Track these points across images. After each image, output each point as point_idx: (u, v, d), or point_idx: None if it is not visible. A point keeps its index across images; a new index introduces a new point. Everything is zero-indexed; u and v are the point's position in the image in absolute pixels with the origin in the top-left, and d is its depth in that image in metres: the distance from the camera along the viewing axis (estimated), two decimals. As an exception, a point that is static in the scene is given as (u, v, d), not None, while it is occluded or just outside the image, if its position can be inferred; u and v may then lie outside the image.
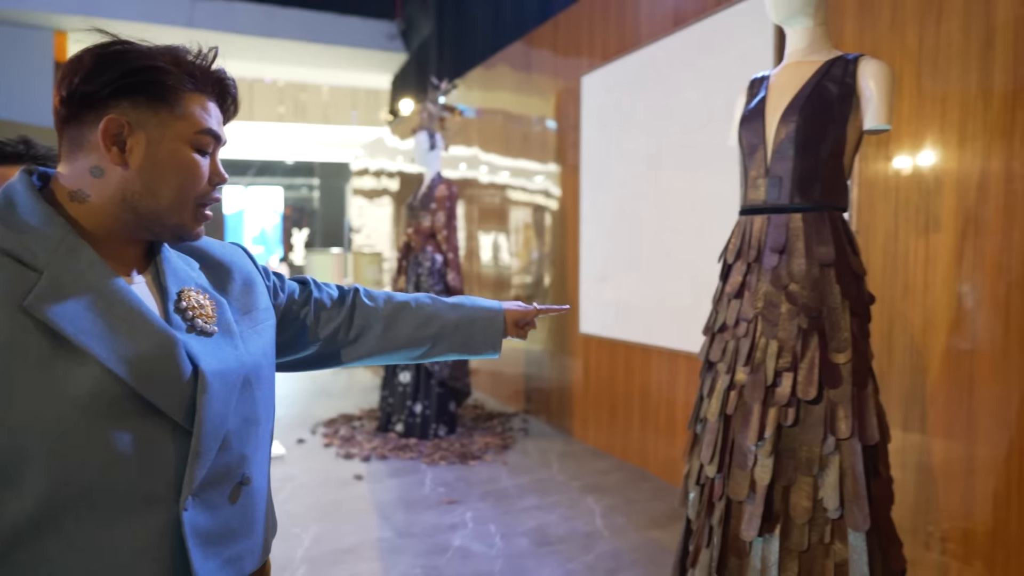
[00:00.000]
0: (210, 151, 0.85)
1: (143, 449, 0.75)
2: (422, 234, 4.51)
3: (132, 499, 0.74)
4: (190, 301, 0.85)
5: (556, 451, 4.13)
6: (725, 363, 1.83)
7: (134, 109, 0.78)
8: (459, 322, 1.18)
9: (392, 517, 3.08)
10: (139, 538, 0.74)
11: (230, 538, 0.83)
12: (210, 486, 0.80)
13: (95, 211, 0.80)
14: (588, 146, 4.23)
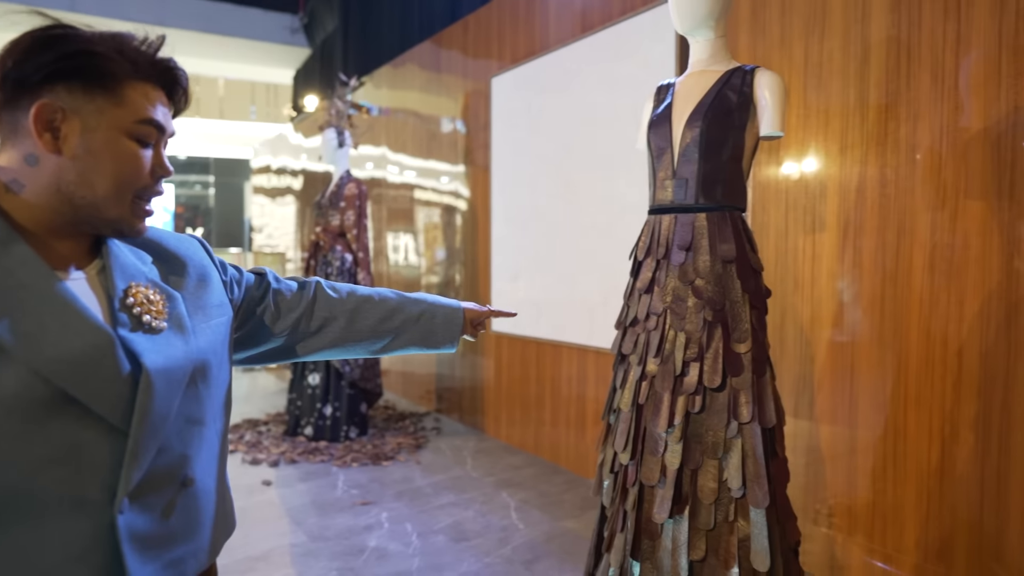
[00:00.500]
0: (153, 142, 0.82)
1: (73, 451, 0.72)
2: (331, 233, 4.42)
3: (62, 503, 0.71)
4: (138, 297, 0.82)
5: (470, 448, 4.16)
6: (637, 355, 1.93)
7: (69, 94, 0.76)
8: (421, 316, 1.20)
9: (305, 522, 3.01)
10: (70, 543, 0.72)
11: (170, 541, 0.81)
12: (148, 488, 0.78)
13: (30, 202, 0.77)
14: (498, 146, 4.29)
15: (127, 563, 0.75)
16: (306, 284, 1.16)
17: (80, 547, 0.73)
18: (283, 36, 8.38)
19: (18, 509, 0.69)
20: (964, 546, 2.13)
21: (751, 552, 1.72)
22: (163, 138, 0.84)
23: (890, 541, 2.31)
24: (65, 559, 0.71)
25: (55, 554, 0.71)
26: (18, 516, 0.69)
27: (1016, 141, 2.00)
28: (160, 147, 0.84)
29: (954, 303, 2.14)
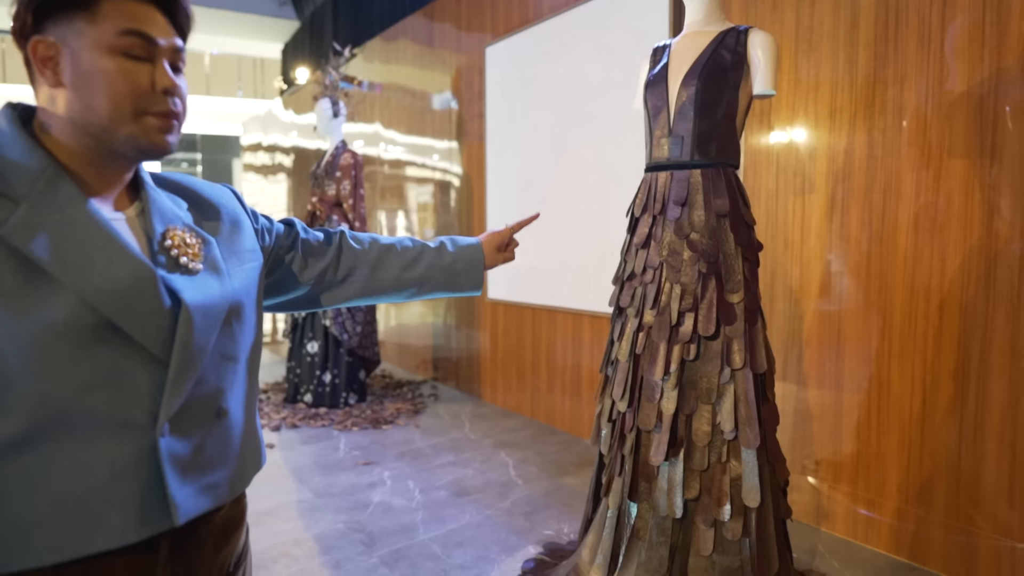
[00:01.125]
0: (148, 56, 0.81)
1: (118, 377, 0.77)
2: (327, 203, 4.46)
3: (109, 423, 0.76)
4: (175, 240, 0.86)
5: (467, 413, 4.25)
6: (634, 308, 2.01)
7: (55, 26, 0.78)
8: (442, 262, 1.23)
9: (309, 480, 3.10)
10: (116, 461, 0.77)
11: (207, 467, 0.86)
12: (187, 416, 0.83)
13: (59, 140, 0.80)
14: (493, 116, 4.33)
15: (168, 482, 0.80)
16: (332, 234, 1.19)
17: (125, 465, 0.78)
18: (271, 8, 8.31)
19: (70, 428, 0.74)
20: (943, 489, 2.24)
21: (743, 490, 1.82)
22: (159, 50, 0.82)
23: (873, 487, 2.43)
24: (112, 475, 0.77)
25: (103, 470, 0.76)
26: (71, 434, 0.74)
27: (998, 102, 2.08)
28: (160, 60, 0.82)
29: (936, 259, 2.24)
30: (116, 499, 0.77)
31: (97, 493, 0.76)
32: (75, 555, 0.75)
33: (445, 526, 2.60)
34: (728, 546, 1.82)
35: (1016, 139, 2.05)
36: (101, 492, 0.76)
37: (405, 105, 5.47)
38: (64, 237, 0.75)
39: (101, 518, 0.76)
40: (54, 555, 0.74)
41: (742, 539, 1.81)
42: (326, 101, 4.52)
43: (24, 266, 0.73)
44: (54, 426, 0.73)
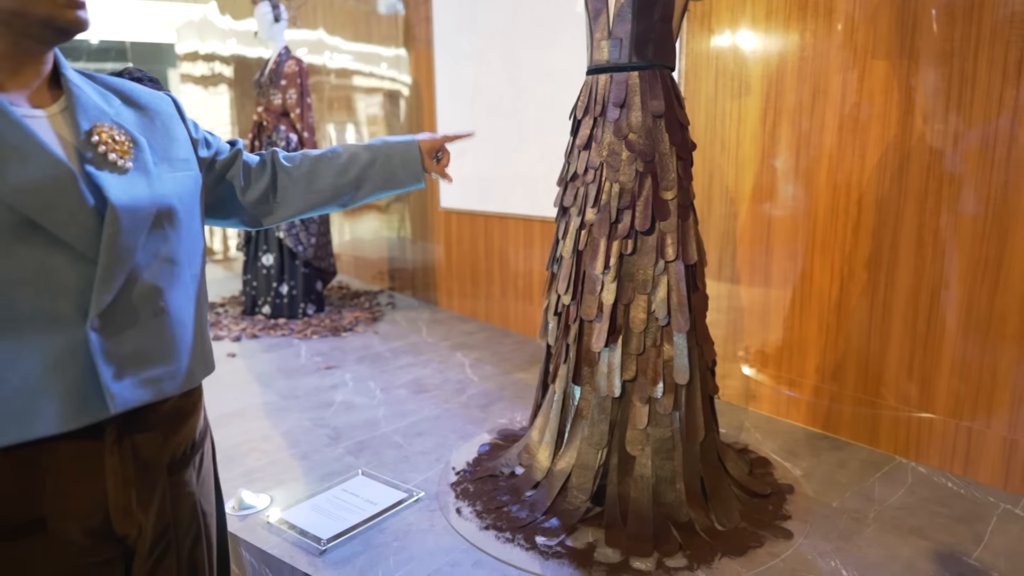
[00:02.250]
0: None
1: (43, 274, 0.79)
2: (274, 113, 4.38)
3: (36, 318, 0.79)
4: (103, 136, 0.87)
5: (424, 319, 4.40)
6: (576, 207, 2.13)
7: None
8: (375, 160, 1.25)
9: (274, 384, 3.23)
10: (47, 355, 0.80)
11: (145, 361, 0.89)
12: (120, 311, 0.85)
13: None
14: (440, 20, 4.26)
15: (101, 374, 0.83)
16: (265, 156, 1.22)
17: (56, 358, 0.81)
18: (200, -97, 7.75)
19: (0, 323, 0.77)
20: (854, 368, 2.50)
21: (673, 370, 2.01)
22: None
23: (795, 369, 2.68)
24: (44, 368, 0.80)
25: (35, 363, 0.79)
26: (1, 329, 0.77)
27: (921, 4, 2.19)
28: None
29: (857, 157, 2.40)
30: (51, 390, 0.80)
31: (30, 384, 0.79)
32: (15, 440, 0.80)
33: (406, 420, 2.78)
34: (660, 419, 2.03)
35: (937, 41, 2.17)
36: (34, 383, 0.80)
37: (349, 9, 5.29)
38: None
39: (37, 407, 0.80)
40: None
41: (672, 412, 2.02)
42: (266, 4, 4.36)
43: None
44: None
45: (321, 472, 2.35)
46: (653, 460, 2.03)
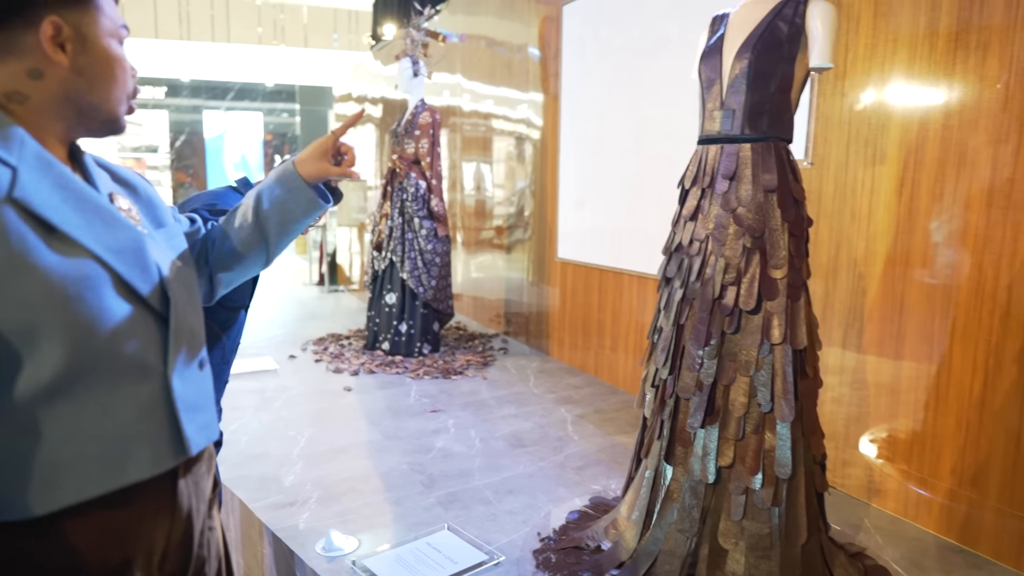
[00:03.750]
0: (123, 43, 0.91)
1: (133, 326, 0.86)
2: (406, 160, 4.63)
3: (129, 368, 0.85)
4: (120, 203, 0.93)
5: (533, 368, 4.41)
6: (680, 278, 2.05)
7: (66, 10, 0.83)
8: (263, 199, 1.14)
9: (380, 423, 3.35)
10: (137, 403, 0.86)
11: (200, 408, 0.96)
12: (183, 363, 0.93)
13: (34, 112, 0.84)
14: (568, 76, 4.33)
15: (181, 420, 0.90)
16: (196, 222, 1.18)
17: (146, 405, 0.87)
18: (363, -37, 8.46)
19: (98, 373, 0.83)
20: (999, 475, 2.20)
21: (775, 461, 1.87)
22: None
23: (927, 467, 2.40)
24: (135, 416, 0.86)
25: (127, 412, 0.85)
26: (98, 379, 0.83)
27: (1089, 71, 1.94)
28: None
29: (1009, 238, 2.14)
30: (141, 436, 0.87)
31: (125, 431, 0.85)
32: (112, 487, 0.84)
33: (500, 474, 2.78)
34: (758, 513, 1.89)
35: (1106, 113, 1.91)
36: (128, 431, 0.85)
37: (485, 58, 5.52)
38: (62, 200, 0.82)
39: (130, 453, 0.86)
40: (92, 488, 0.83)
41: (772, 508, 1.87)
42: (407, 60, 4.65)
43: (39, 227, 0.79)
44: (84, 372, 0.81)
45: (411, 520, 2.39)
46: (747, 557, 1.88)
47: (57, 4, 0.82)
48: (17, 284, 0.75)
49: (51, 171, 0.82)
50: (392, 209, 4.66)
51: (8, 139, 0.81)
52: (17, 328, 0.76)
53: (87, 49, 0.85)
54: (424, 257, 4.57)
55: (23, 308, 0.76)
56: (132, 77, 0.92)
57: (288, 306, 6.62)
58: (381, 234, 4.71)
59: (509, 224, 5.33)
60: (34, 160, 0.81)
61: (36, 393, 0.77)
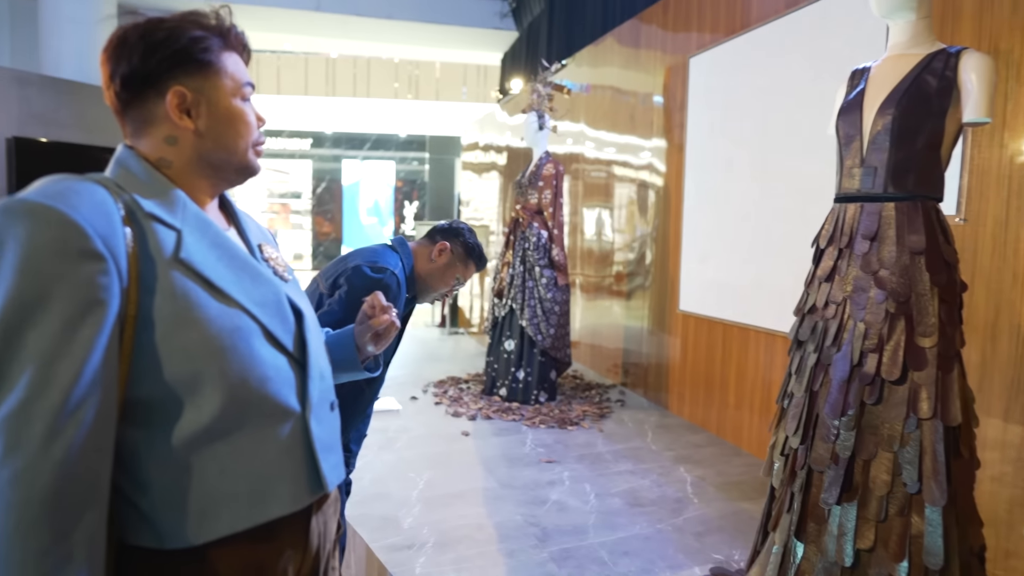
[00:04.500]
0: (250, 98, 0.97)
1: (278, 371, 0.92)
2: (529, 211, 4.73)
3: (275, 411, 0.91)
4: (268, 252, 1.01)
5: (651, 423, 4.29)
6: (813, 342, 1.94)
7: (189, 77, 0.90)
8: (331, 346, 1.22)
9: (496, 470, 3.37)
10: (280, 442, 0.92)
11: (333, 448, 1.01)
12: (318, 404, 0.97)
13: (180, 174, 0.92)
14: (694, 126, 4.29)
15: (318, 457, 0.95)
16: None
17: (288, 444, 0.92)
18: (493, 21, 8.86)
19: (250, 415, 0.88)
20: None
21: (923, 549, 1.70)
22: (252, 92, 0.98)
23: (1112, 567, 2.09)
24: (278, 455, 0.92)
25: (273, 450, 0.91)
26: (250, 421, 0.88)
27: None
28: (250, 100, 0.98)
29: None
30: (283, 473, 0.92)
31: (270, 470, 0.91)
32: (257, 522, 0.90)
33: (615, 533, 2.70)
34: (903, 605, 1.71)
35: None
36: (272, 468, 0.91)
37: (609, 107, 5.58)
38: (217, 258, 0.89)
39: (272, 490, 0.91)
40: (242, 522, 0.88)
41: (920, 601, 1.70)
42: (533, 115, 4.79)
43: (200, 283, 0.86)
44: (237, 415, 0.87)
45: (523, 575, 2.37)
46: (890, 653, 1.71)
47: (181, 73, 0.89)
48: (183, 338, 0.83)
49: (208, 230, 0.90)
50: (514, 257, 4.76)
51: (172, 202, 0.88)
52: (182, 378, 0.83)
53: (210, 112, 0.91)
54: (544, 305, 4.62)
55: (188, 359, 0.83)
56: (258, 126, 0.97)
57: (412, 346, 6.88)
58: (502, 281, 4.81)
59: (629, 271, 5.29)
60: (194, 221, 0.89)
61: (196, 435, 0.84)
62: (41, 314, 0.74)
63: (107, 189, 0.83)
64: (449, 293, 1.98)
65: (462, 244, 1.94)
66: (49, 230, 0.75)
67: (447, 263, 1.92)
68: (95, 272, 0.77)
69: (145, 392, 0.82)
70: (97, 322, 0.77)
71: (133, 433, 0.83)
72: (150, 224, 0.84)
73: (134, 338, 0.81)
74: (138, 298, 0.81)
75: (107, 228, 0.79)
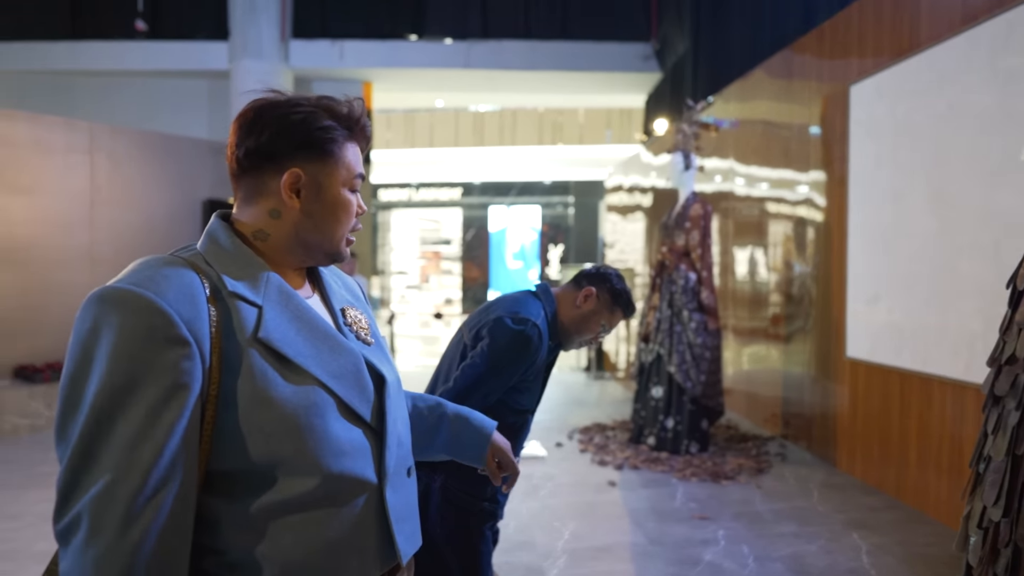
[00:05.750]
0: (358, 188, 0.99)
1: (354, 445, 0.91)
2: (676, 253, 4.60)
3: (352, 484, 0.90)
4: (351, 317, 1.01)
5: (817, 481, 3.92)
6: (1014, 398, 1.68)
7: (308, 162, 0.92)
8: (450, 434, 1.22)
9: (644, 525, 3.22)
10: (354, 515, 0.91)
11: (408, 518, 0.99)
12: (395, 473, 0.96)
13: (274, 247, 0.94)
14: (857, 157, 3.98)
15: (393, 530, 0.94)
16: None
17: (363, 517, 0.91)
18: (636, 64, 8.85)
19: (326, 489, 0.88)
20: None
21: None
22: (361, 184, 1.00)
23: None
24: (353, 526, 0.91)
25: (348, 522, 0.90)
26: (326, 494, 0.88)
27: None
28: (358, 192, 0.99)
29: None
30: (356, 546, 0.91)
31: (345, 542, 0.90)
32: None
33: (778, 603, 2.47)
34: None
35: None
36: (347, 541, 0.90)
37: (761, 141, 5.35)
38: (296, 332, 0.90)
39: (345, 563, 0.90)
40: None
41: None
42: (678, 155, 4.69)
43: (278, 360, 0.87)
44: (314, 489, 0.87)
45: (675, 643, 2.22)
46: None
47: (303, 157, 0.92)
48: (260, 417, 0.84)
49: (290, 303, 0.91)
50: (661, 301, 4.63)
51: (256, 278, 0.90)
52: (260, 455, 0.84)
53: (319, 196, 0.93)
54: (693, 351, 4.43)
55: (265, 439, 0.84)
56: (357, 215, 0.99)
57: (557, 390, 6.86)
58: (649, 325, 4.69)
59: (787, 313, 4.95)
60: (276, 295, 0.90)
61: (274, 507, 0.85)
62: (129, 399, 0.77)
63: (195, 269, 0.86)
64: (594, 340, 1.93)
65: (609, 290, 1.89)
66: (137, 318, 0.79)
67: (593, 309, 1.87)
68: (179, 357, 0.80)
69: (227, 467, 0.85)
70: (179, 406, 0.80)
71: (215, 502, 0.85)
72: (234, 302, 0.86)
73: (216, 417, 0.84)
74: (220, 378, 0.84)
75: (192, 312, 0.82)
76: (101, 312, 0.79)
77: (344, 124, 0.95)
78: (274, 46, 8.15)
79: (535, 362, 1.75)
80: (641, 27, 8.89)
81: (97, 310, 0.79)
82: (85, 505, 0.76)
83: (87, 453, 0.77)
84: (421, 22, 8.79)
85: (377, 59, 8.69)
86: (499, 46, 8.74)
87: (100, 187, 6.13)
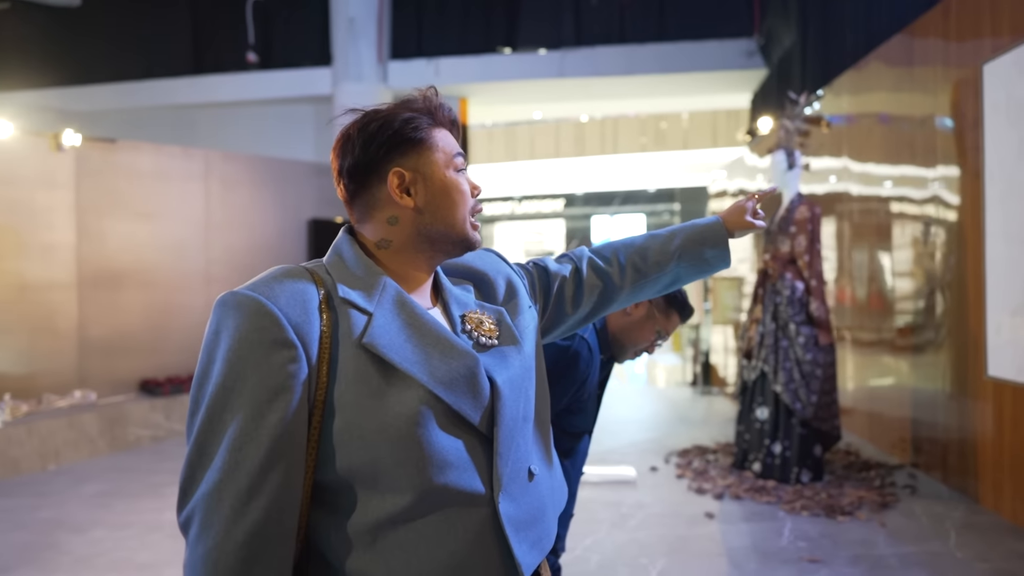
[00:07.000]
0: (464, 168, 0.98)
1: (461, 455, 0.88)
2: (780, 260, 4.20)
3: (460, 497, 0.87)
4: (472, 321, 0.98)
5: (955, 520, 3.41)
6: None
7: (404, 158, 0.93)
8: (678, 242, 1.17)
9: (744, 566, 2.90)
10: (467, 529, 0.87)
11: (531, 524, 0.94)
12: (511, 481, 0.92)
13: (398, 252, 0.95)
14: (993, 147, 3.47)
15: (511, 543, 0.89)
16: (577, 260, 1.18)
17: (476, 531, 0.88)
18: (740, 62, 8.34)
19: (432, 503, 0.86)
20: None
21: None
22: (466, 162, 1.00)
23: None
24: (466, 542, 0.87)
25: (459, 539, 0.87)
26: (433, 509, 0.86)
27: None
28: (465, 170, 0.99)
29: None
30: (473, 563, 0.87)
31: (456, 558, 0.86)
32: None
33: (903, 673, 2.10)
34: None
35: None
36: (460, 557, 0.87)
37: (878, 136, 4.83)
38: (406, 338, 0.89)
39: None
40: None
41: None
42: (780, 153, 4.30)
43: (382, 366, 0.86)
44: (420, 503, 0.85)
45: None
46: None
47: (397, 156, 0.93)
48: (361, 425, 0.84)
49: (403, 310, 0.90)
50: (764, 313, 4.24)
51: (371, 287, 0.91)
52: (361, 466, 0.84)
53: (427, 186, 0.94)
54: (802, 368, 4.00)
55: (365, 448, 0.84)
56: (474, 195, 0.99)
57: (659, 406, 6.52)
58: (751, 340, 4.30)
59: (915, 325, 4.40)
60: (390, 303, 0.90)
61: (381, 522, 0.84)
62: (237, 399, 0.81)
63: (313, 277, 0.89)
64: (650, 349, 1.80)
65: None
66: (249, 320, 0.82)
67: (645, 315, 1.74)
68: (286, 360, 0.82)
69: (330, 477, 0.85)
70: (283, 407, 0.81)
71: (323, 516, 0.86)
72: (345, 309, 0.88)
73: (321, 424, 0.85)
74: (327, 383, 0.85)
75: (301, 317, 0.84)
76: (222, 315, 0.84)
77: (425, 112, 0.96)
78: (373, 68, 8.40)
79: (587, 379, 1.63)
80: (743, 22, 8.39)
81: (219, 313, 0.84)
82: (197, 501, 0.80)
83: (202, 450, 0.81)
84: (514, 34, 8.77)
85: (472, 74, 8.75)
86: (593, 53, 8.56)
87: (214, 211, 6.49)
